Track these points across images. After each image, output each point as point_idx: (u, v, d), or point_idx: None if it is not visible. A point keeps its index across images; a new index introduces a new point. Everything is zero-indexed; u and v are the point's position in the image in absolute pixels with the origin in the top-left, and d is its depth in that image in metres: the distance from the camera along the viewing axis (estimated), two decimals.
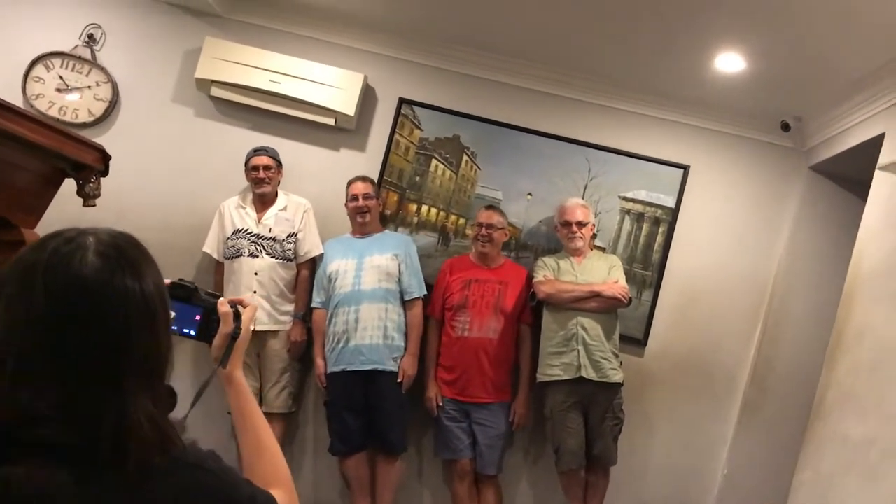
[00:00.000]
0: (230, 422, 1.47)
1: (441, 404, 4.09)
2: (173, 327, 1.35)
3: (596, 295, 3.92)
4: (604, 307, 3.95)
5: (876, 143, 3.36)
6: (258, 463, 1.31)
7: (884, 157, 3.14)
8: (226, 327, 1.36)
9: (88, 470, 0.96)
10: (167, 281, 1.34)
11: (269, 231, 4.17)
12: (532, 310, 4.15)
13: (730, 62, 3.73)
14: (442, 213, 4.53)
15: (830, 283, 3.73)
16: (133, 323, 1.02)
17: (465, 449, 4.05)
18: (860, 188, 3.45)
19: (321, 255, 4.23)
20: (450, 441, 4.08)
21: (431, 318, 4.20)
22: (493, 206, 4.28)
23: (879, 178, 3.28)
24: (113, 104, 4.55)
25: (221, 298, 1.38)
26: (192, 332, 1.37)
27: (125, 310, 1.02)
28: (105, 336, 1.00)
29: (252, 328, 1.43)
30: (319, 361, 4.13)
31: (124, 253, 1.05)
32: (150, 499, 1.00)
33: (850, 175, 4.03)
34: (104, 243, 1.04)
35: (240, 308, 1.40)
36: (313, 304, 4.19)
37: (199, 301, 1.37)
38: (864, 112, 3.60)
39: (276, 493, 1.22)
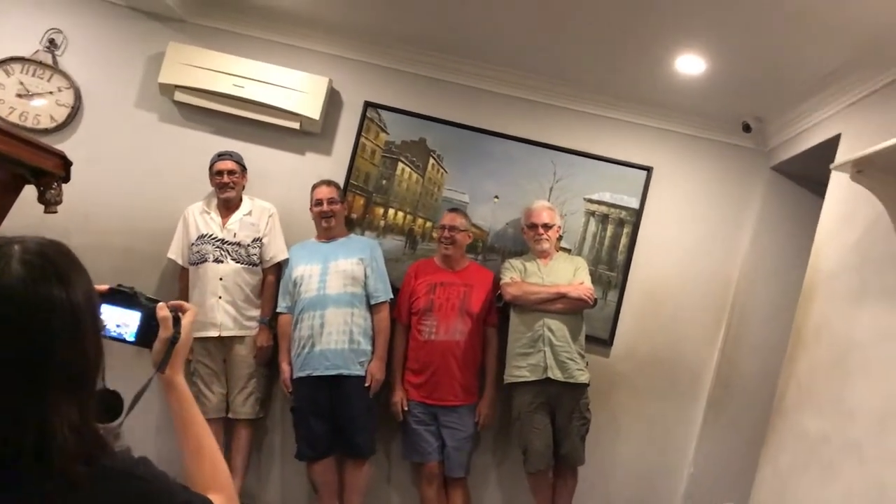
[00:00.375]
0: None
1: (407, 409, 4.09)
2: (112, 333, 1.34)
3: (562, 296, 3.95)
4: (570, 308, 3.97)
5: (833, 144, 3.41)
6: (198, 468, 1.30)
7: (839, 158, 3.18)
8: (165, 332, 1.35)
9: (12, 480, 0.95)
10: (105, 287, 1.34)
11: (234, 236, 4.15)
12: (498, 311, 4.17)
13: (690, 64, 3.77)
14: (409, 217, 4.54)
15: (792, 282, 3.78)
16: (57, 332, 1.01)
17: (433, 452, 4.06)
18: (820, 188, 3.50)
19: (286, 260, 4.22)
20: (417, 444, 4.08)
21: (398, 322, 4.19)
22: (456, 209, 4.29)
23: (835, 179, 3.33)
24: (75, 110, 4.50)
25: (161, 303, 1.37)
26: (132, 338, 1.36)
27: (49, 319, 1.01)
28: (27, 345, 0.99)
29: (193, 334, 1.42)
30: (285, 367, 4.11)
31: (51, 261, 1.04)
32: None
33: (810, 175, 4.09)
34: (30, 252, 1.03)
35: (180, 313, 1.39)
36: (279, 310, 4.18)
37: (139, 306, 1.36)
38: (822, 113, 3.65)
39: (214, 497, 1.21)
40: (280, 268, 4.25)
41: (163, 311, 1.36)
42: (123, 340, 1.36)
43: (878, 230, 2.79)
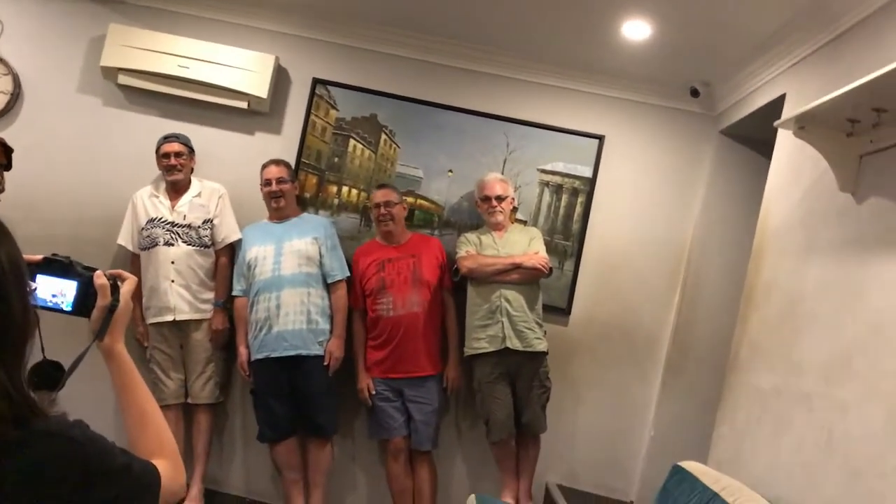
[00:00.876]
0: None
1: (374, 392, 4.08)
2: (48, 303, 1.31)
3: (517, 267, 3.96)
4: (526, 278, 3.98)
5: (779, 104, 3.45)
6: (142, 436, 1.28)
7: (783, 116, 3.22)
8: (103, 300, 1.32)
9: None
10: (39, 257, 1.31)
11: (184, 218, 4.09)
12: (454, 285, 4.17)
13: (636, 29, 3.78)
14: (363, 194, 4.50)
15: (744, 244, 3.82)
16: None
17: (399, 427, 4.06)
18: (768, 150, 3.54)
19: (240, 242, 4.17)
20: (383, 421, 4.07)
21: (354, 309, 4.17)
22: (384, 184, 4.27)
23: (781, 138, 3.37)
24: (15, 96, 4.40)
25: (98, 271, 1.34)
26: (69, 308, 1.33)
27: None
28: None
29: (132, 303, 1.40)
30: (242, 350, 4.08)
31: None
32: (9, 471, 0.97)
33: (758, 137, 4.12)
34: None
35: (119, 281, 1.37)
36: (234, 293, 4.13)
37: (75, 275, 1.33)
38: (767, 74, 3.69)
39: (159, 463, 1.20)
40: (233, 249, 4.20)
41: (100, 279, 1.33)
42: (60, 310, 1.33)
43: (823, 185, 2.83)
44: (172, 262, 4.04)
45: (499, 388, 3.95)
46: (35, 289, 1.28)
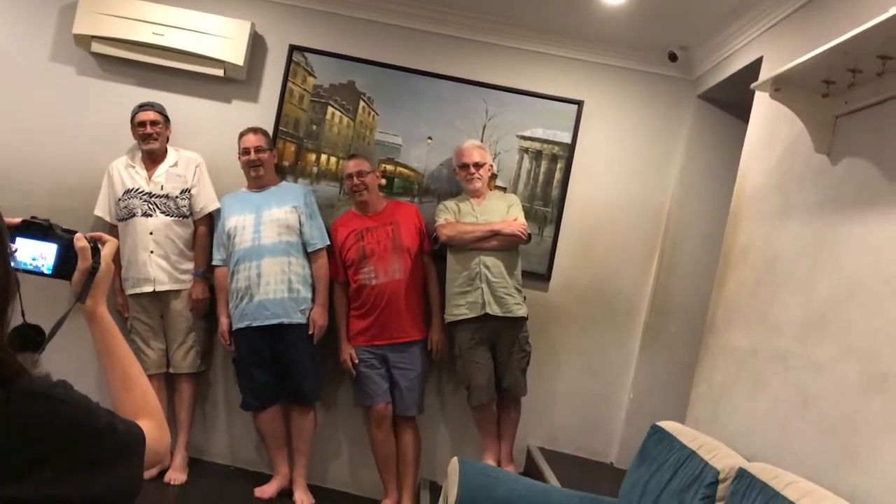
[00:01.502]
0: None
1: (357, 362, 4.09)
2: (28, 266, 1.30)
3: (496, 234, 3.97)
4: (504, 245, 4.00)
5: (756, 67, 3.46)
6: (126, 397, 1.28)
7: (761, 78, 3.23)
8: (83, 262, 1.31)
9: None
10: (18, 220, 1.30)
11: (161, 189, 4.06)
12: (434, 254, 4.18)
13: None
14: (342, 162, 4.47)
15: (721, 207, 3.84)
16: None
17: (382, 394, 4.08)
18: (746, 114, 3.55)
19: (218, 211, 4.15)
20: (367, 387, 4.09)
21: (336, 282, 4.17)
22: (354, 154, 4.26)
23: (758, 101, 3.39)
24: None
25: (78, 234, 1.33)
26: (49, 271, 1.32)
27: None
28: None
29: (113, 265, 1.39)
30: (224, 319, 4.08)
31: None
32: None
33: (736, 101, 4.13)
34: None
35: (99, 244, 1.36)
36: (214, 262, 4.12)
37: (55, 238, 1.32)
38: (744, 37, 3.69)
39: (143, 423, 1.19)
40: (212, 219, 4.18)
41: (80, 241, 1.32)
42: (41, 273, 1.32)
43: (799, 146, 2.86)
44: (151, 233, 4.02)
45: (479, 353, 3.98)
46: (15, 251, 1.27)
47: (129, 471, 1.13)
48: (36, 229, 1.32)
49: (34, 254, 1.31)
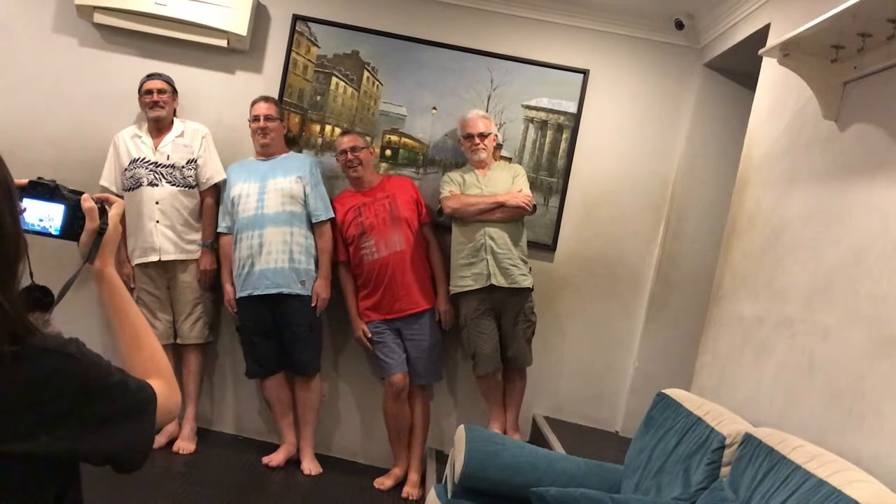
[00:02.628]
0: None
1: (370, 336, 4.11)
2: (35, 227, 1.30)
3: (500, 205, 3.96)
4: (509, 216, 3.99)
5: (763, 35, 3.43)
6: (136, 357, 1.28)
7: (768, 45, 3.21)
8: (91, 223, 1.31)
9: None
10: (25, 180, 1.30)
11: (168, 158, 4.06)
12: (434, 227, 4.18)
13: None
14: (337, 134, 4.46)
15: (728, 176, 3.83)
16: None
17: (399, 364, 4.08)
18: (752, 82, 3.53)
19: (225, 182, 4.15)
20: (384, 359, 4.09)
21: (340, 263, 4.17)
22: (347, 130, 4.26)
23: (766, 67, 3.37)
24: None
25: (85, 195, 1.33)
26: (56, 232, 1.32)
27: None
28: None
29: (121, 227, 1.39)
30: (228, 287, 4.10)
31: None
32: (5, 385, 0.98)
33: (743, 69, 4.11)
34: None
35: (106, 205, 1.36)
36: (220, 230, 4.13)
37: (62, 198, 1.31)
38: (751, 4, 3.65)
39: (154, 382, 1.20)
40: (218, 189, 4.18)
41: (87, 202, 1.31)
42: (48, 234, 1.32)
43: (807, 113, 2.84)
44: (157, 203, 4.02)
45: (484, 322, 3.99)
46: (24, 210, 1.27)
47: (141, 427, 1.15)
48: (43, 190, 1.31)
49: (41, 215, 1.31)
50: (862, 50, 2.39)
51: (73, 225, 1.32)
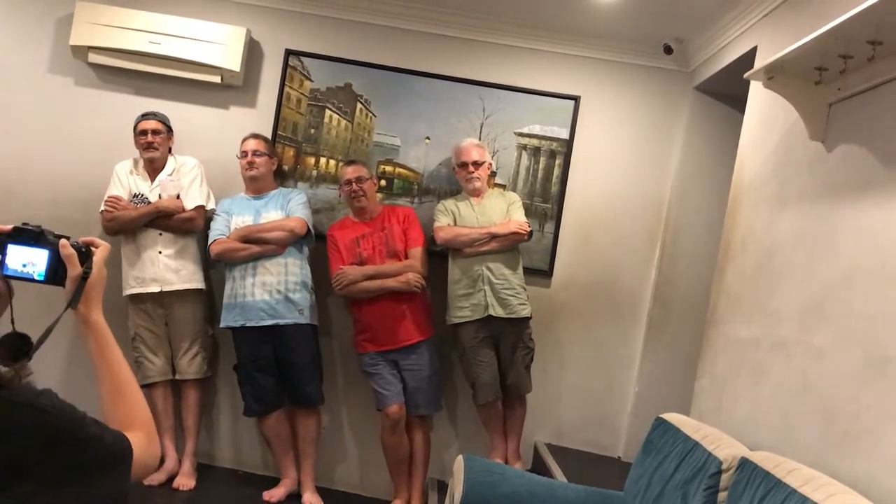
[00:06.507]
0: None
1: (366, 368, 4.09)
2: (19, 273, 1.30)
3: (494, 236, 3.96)
4: (507, 245, 3.99)
5: (751, 57, 3.46)
6: (116, 408, 1.27)
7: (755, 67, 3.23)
8: (73, 270, 1.31)
9: None
10: (8, 227, 1.31)
11: (160, 198, 4.08)
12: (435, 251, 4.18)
13: None
14: (341, 165, 4.48)
15: (721, 197, 3.84)
16: None
17: (396, 395, 4.03)
18: (742, 104, 3.56)
19: (214, 212, 4.15)
20: (383, 388, 4.04)
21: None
22: (353, 160, 4.23)
23: (754, 90, 3.39)
24: None
25: (63, 240, 1.33)
26: (40, 277, 1.32)
27: None
28: None
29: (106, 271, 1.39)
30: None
31: None
32: None
33: (732, 92, 4.13)
34: None
35: (92, 248, 1.36)
36: (215, 237, 4.08)
37: (47, 243, 1.32)
38: (739, 27, 3.69)
39: (132, 435, 1.18)
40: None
41: (66, 248, 1.31)
42: (32, 279, 1.32)
43: (794, 135, 2.85)
44: (160, 234, 4.04)
45: (483, 351, 3.98)
46: (4, 258, 1.27)
47: (115, 482, 1.12)
48: (27, 235, 1.31)
49: (24, 260, 1.31)
50: (844, 71, 2.41)
51: (57, 270, 1.32)
